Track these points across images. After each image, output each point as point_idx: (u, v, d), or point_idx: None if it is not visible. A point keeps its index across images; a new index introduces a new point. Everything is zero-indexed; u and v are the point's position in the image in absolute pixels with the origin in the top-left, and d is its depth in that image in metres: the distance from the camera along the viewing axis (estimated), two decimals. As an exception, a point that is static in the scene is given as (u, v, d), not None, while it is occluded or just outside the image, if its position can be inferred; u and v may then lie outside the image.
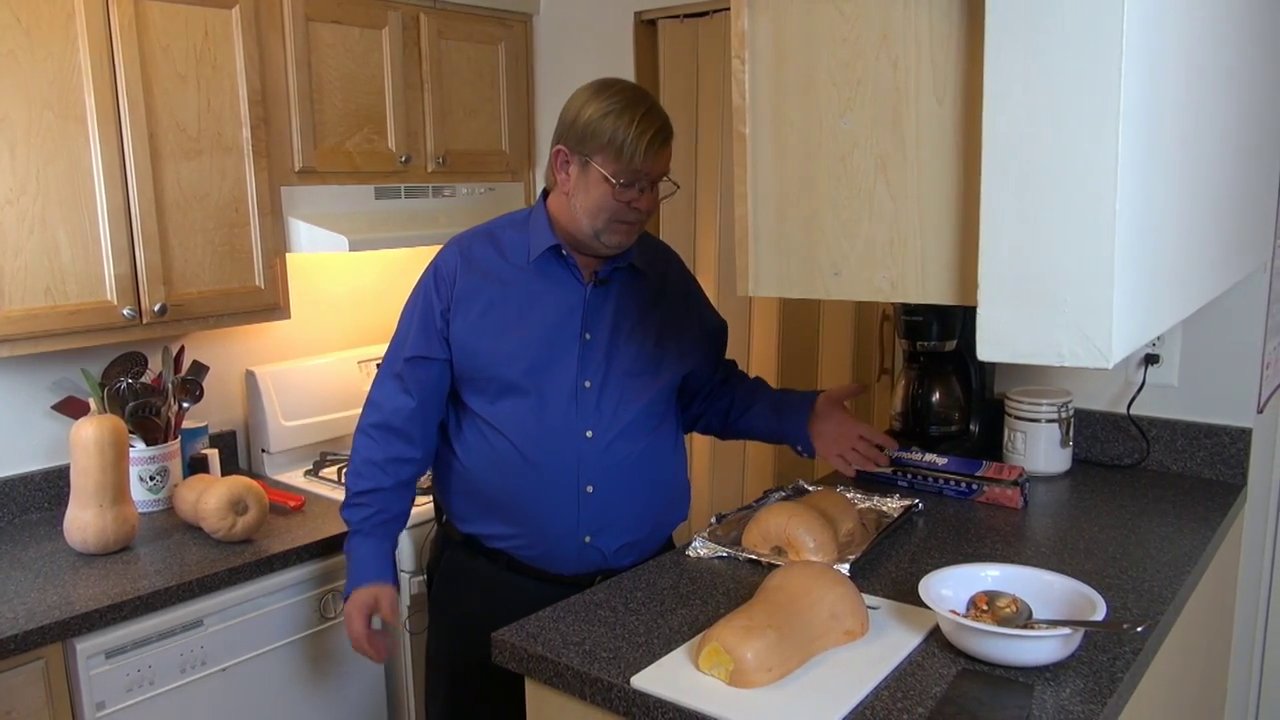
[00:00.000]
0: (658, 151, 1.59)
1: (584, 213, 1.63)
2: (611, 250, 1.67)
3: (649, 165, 1.59)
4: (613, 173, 1.58)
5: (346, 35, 2.38)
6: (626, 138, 1.56)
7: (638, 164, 1.58)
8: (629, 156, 1.57)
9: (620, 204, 1.60)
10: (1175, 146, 1.11)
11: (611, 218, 1.62)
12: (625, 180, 1.59)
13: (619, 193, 1.59)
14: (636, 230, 1.67)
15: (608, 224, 1.62)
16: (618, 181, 1.58)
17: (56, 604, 1.72)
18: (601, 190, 1.60)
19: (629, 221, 1.63)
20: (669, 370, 1.76)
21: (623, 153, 1.57)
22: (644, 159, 1.58)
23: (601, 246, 1.66)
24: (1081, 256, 0.96)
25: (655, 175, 1.62)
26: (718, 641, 1.23)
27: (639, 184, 1.60)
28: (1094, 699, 1.18)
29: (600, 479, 1.68)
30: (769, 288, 1.24)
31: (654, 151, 1.59)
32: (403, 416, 1.74)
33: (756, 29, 1.19)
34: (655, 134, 1.58)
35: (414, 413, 1.74)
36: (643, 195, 1.61)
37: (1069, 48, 0.93)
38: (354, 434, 1.82)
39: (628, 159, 1.57)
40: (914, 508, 1.84)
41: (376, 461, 1.76)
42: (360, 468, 1.77)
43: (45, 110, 1.87)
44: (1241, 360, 1.99)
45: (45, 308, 1.91)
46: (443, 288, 1.71)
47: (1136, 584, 1.51)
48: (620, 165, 1.58)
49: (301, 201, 2.33)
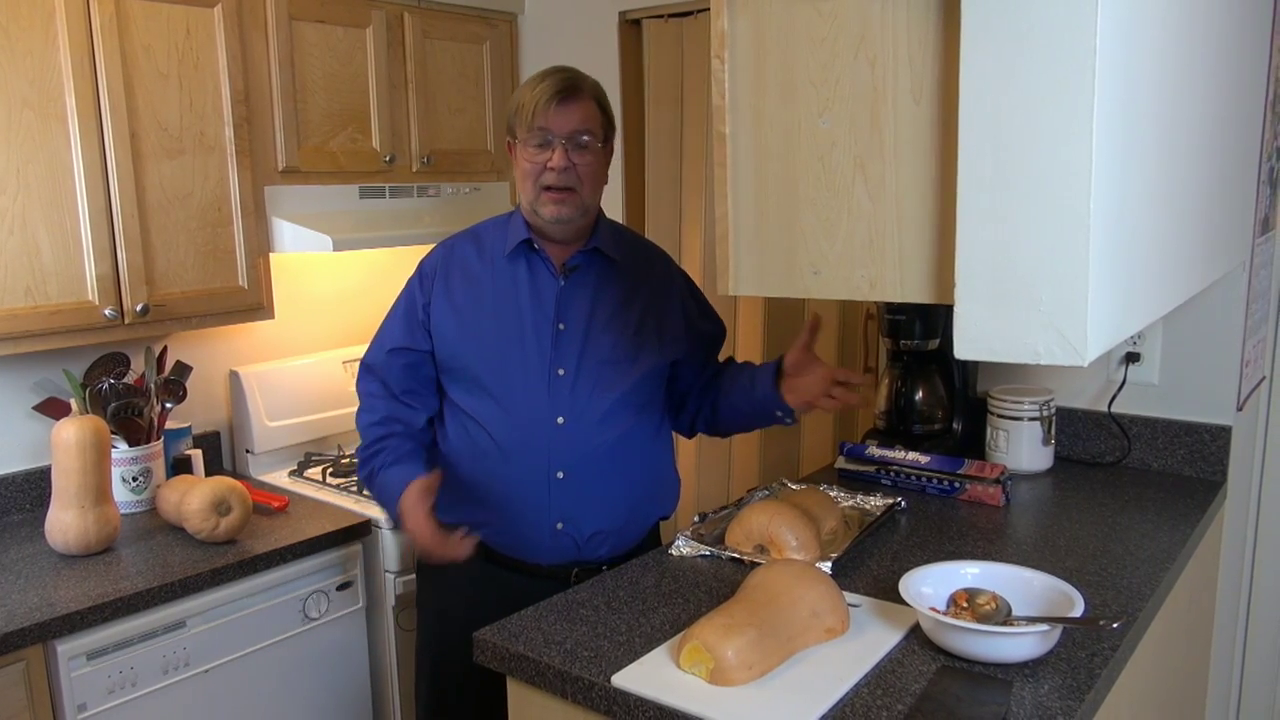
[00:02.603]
0: (558, 106, 1.63)
1: (522, 190, 1.70)
2: (555, 227, 1.69)
3: (550, 120, 1.63)
4: (524, 139, 1.65)
5: (330, 34, 2.38)
6: (528, 99, 1.64)
7: (540, 121, 1.63)
8: (529, 114, 1.63)
9: (536, 166, 1.65)
10: (1151, 146, 1.12)
11: (535, 184, 1.66)
12: (534, 141, 1.64)
13: (531, 155, 1.65)
14: (572, 201, 1.67)
15: (536, 194, 1.67)
16: (529, 143, 1.65)
17: (37, 605, 1.71)
18: (522, 159, 1.67)
19: (551, 187, 1.65)
20: (648, 359, 1.77)
21: (525, 115, 1.64)
22: (542, 114, 1.63)
23: (543, 223, 1.70)
24: (1056, 255, 0.97)
25: (561, 132, 1.64)
26: (698, 640, 1.23)
27: (551, 144, 1.64)
28: (1072, 695, 1.18)
29: (571, 465, 1.70)
30: (749, 286, 1.24)
31: (553, 107, 1.63)
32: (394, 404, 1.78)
33: (736, 29, 1.19)
34: (556, 91, 1.63)
35: (403, 399, 1.78)
36: (554, 154, 1.64)
37: (1043, 48, 0.94)
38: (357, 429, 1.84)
39: (528, 117, 1.64)
40: (897, 506, 1.85)
41: (377, 420, 1.78)
42: (365, 432, 1.79)
43: (25, 109, 1.86)
44: (1221, 358, 2.01)
45: (26, 308, 1.90)
46: (425, 283, 1.78)
47: (1116, 581, 1.52)
48: (524, 126, 1.65)
49: (285, 201, 2.33)
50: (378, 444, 1.77)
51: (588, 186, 1.68)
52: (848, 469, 2.10)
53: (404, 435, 1.78)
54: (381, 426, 1.78)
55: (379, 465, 1.75)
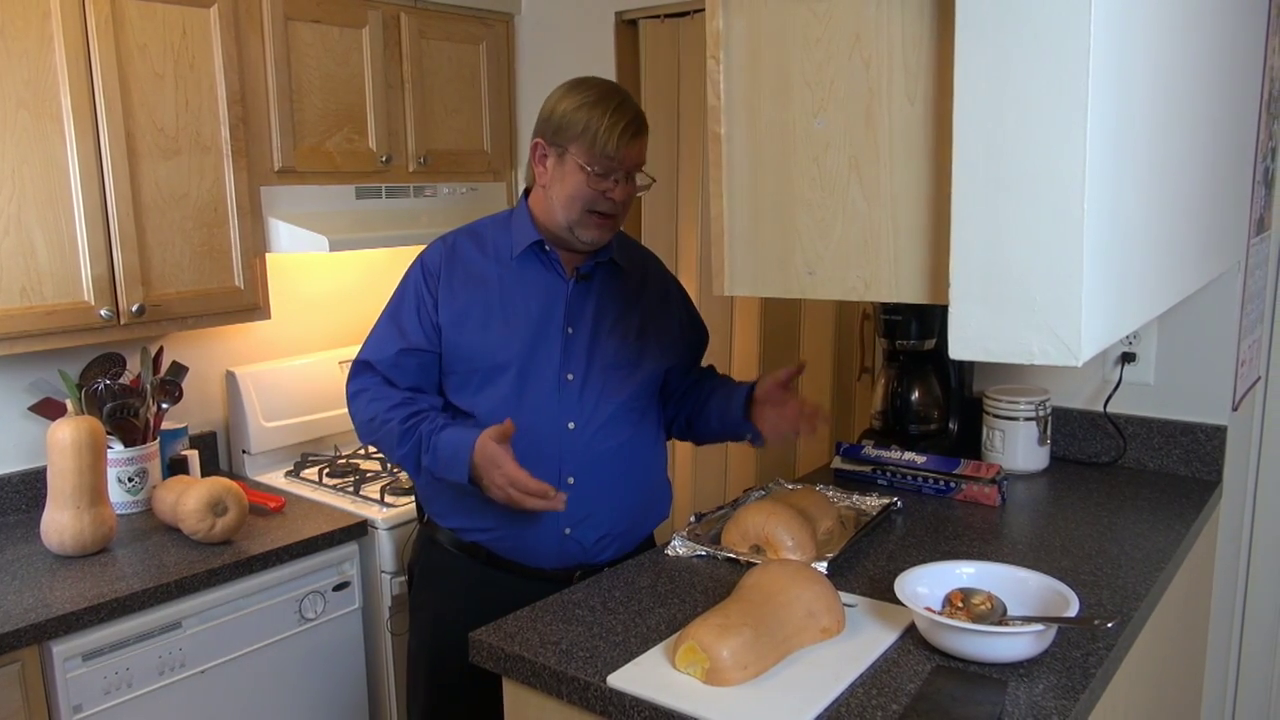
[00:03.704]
0: (630, 141, 1.63)
1: (560, 204, 1.66)
2: (587, 246, 1.69)
3: (622, 154, 1.63)
4: (587, 161, 1.62)
5: (326, 34, 2.37)
6: (600, 127, 1.61)
7: (610, 152, 1.61)
8: (602, 145, 1.61)
9: (595, 193, 1.64)
10: (1145, 145, 1.12)
11: (585, 208, 1.65)
12: (599, 170, 1.63)
13: (593, 181, 1.63)
14: (611, 226, 1.69)
15: (582, 216, 1.65)
16: (592, 170, 1.62)
17: (33, 606, 1.71)
18: (577, 180, 1.64)
19: (603, 213, 1.66)
20: (651, 363, 1.78)
21: (596, 142, 1.61)
22: (617, 148, 1.61)
23: (577, 241, 1.68)
24: (1051, 255, 0.97)
25: (629, 166, 1.65)
26: (694, 640, 1.23)
27: (613, 174, 1.64)
28: (1067, 694, 1.18)
29: (582, 470, 1.69)
30: (744, 287, 1.25)
31: (626, 141, 1.62)
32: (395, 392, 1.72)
33: (731, 29, 1.19)
34: (628, 124, 1.62)
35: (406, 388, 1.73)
36: (617, 186, 1.64)
37: (1038, 48, 0.94)
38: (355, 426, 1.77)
39: (601, 147, 1.61)
40: (893, 506, 1.85)
41: (397, 403, 1.68)
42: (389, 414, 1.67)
43: (20, 109, 1.86)
44: (1217, 358, 2.01)
45: (21, 308, 1.90)
46: (430, 282, 1.73)
47: (1111, 580, 1.52)
48: (594, 154, 1.62)
49: (281, 201, 2.33)
50: (413, 419, 1.65)
51: (626, 212, 1.71)
52: (844, 469, 2.10)
53: (437, 410, 1.70)
54: (407, 405, 1.66)
55: (428, 430, 1.63)
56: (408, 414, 1.67)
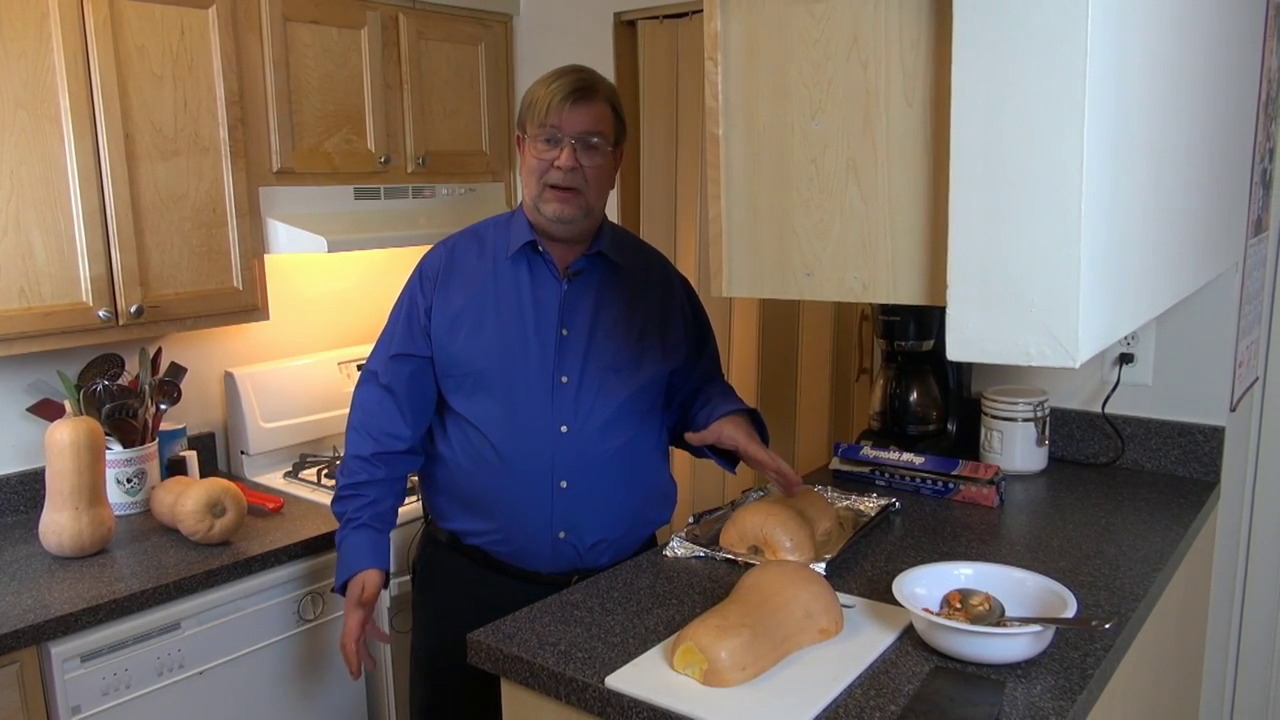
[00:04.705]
0: (570, 106, 1.62)
1: (525, 187, 1.69)
2: (554, 225, 1.68)
3: (563, 120, 1.62)
4: (533, 134, 1.65)
5: (325, 35, 2.37)
6: (540, 96, 1.64)
7: (551, 119, 1.62)
8: (542, 111, 1.63)
9: (543, 163, 1.64)
10: (1143, 146, 1.12)
11: (541, 181, 1.66)
12: (543, 137, 1.64)
13: (540, 151, 1.64)
14: (573, 200, 1.66)
15: (539, 190, 1.66)
16: (538, 139, 1.64)
17: (31, 607, 1.71)
18: (530, 154, 1.66)
19: (557, 185, 1.65)
20: (652, 365, 1.76)
21: (536, 109, 1.63)
22: (555, 112, 1.62)
23: (545, 221, 1.68)
24: (1048, 257, 0.97)
25: (572, 131, 1.63)
26: (692, 641, 1.23)
27: (558, 142, 1.64)
28: (1064, 695, 1.19)
29: (574, 474, 1.69)
30: (742, 288, 1.25)
31: (567, 106, 1.62)
32: (389, 414, 1.75)
33: (729, 30, 1.19)
34: (568, 89, 1.63)
35: (399, 409, 1.75)
36: (562, 154, 1.63)
37: (1034, 50, 0.94)
38: (345, 433, 1.82)
39: (541, 114, 1.63)
40: (891, 507, 1.85)
41: (366, 457, 1.76)
42: (350, 464, 1.78)
43: (19, 110, 1.86)
44: (1215, 359, 2.01)
45: (19, 309, 1.90)
46: (426, 285, 1.74)
47: (1109, 581, 1.52)
48: (536, 123, 1.64)
49: (280, 202, 2.33)
50: (356, 489, 1.76)
51: (593, 189, 1.67)
52: (842, 470, 2.11)
53: (385, 484, 1.77)
54: (366, 468, 1.76)
55: (351, 514, 1.77)
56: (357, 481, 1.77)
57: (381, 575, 1.77)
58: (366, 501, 1.76)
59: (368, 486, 1.76)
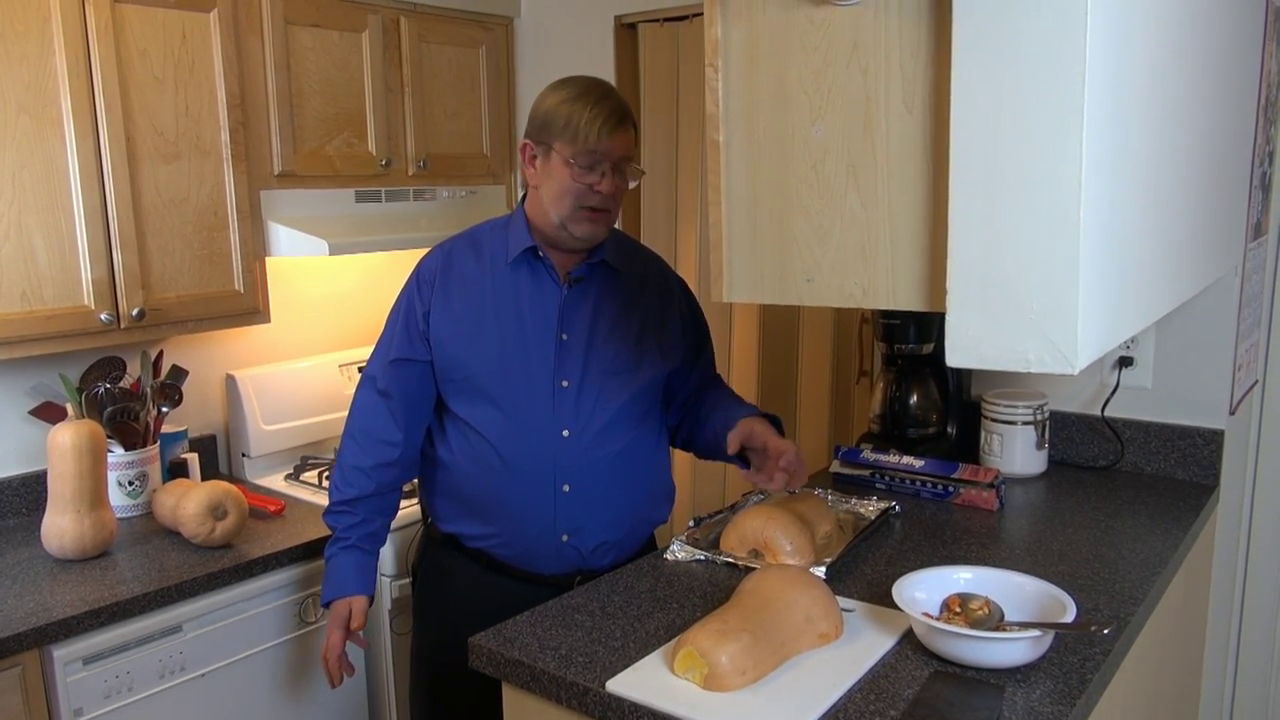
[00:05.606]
0: (612, 132, 1.62)
1: (550, 202, 1.66)
2: (580, 243, 1.69)
3: (604, 145, 1.62)
4: (571, 156, 1.62)
5: (326, 38, 2.38)
6: (581, 120, 1.61)
7: (593, 144, 1.61)
8: (584, 137, 1.61)
9: (582, 188, 1.63)
10: (1142, 151, 1.12)
11: (575, 203, 1.64)
12: (584, 163, 1.62)
13: (579, 175, 1.63)
14: (604, 220, 1.68)
15: (573, 212, 1.65)
16: (576, 164, 1.62)
17: (33, 610, 1.72)
18: (562, 175, 1.63)
19: (594, 208, 1.65)
20: (650, 368, 1.76)
21: (578, 135, 1.61)
22: (599, 139, 1.61)
23: (570, 239, 1.68)
24: (1047, 263, 0.98)
25: (613, 157, 1.64)
26: (692, 645, 1.24)
27: (598, 167, 1.63)
28: (1063, 699, 1.19)
29: (577, 478, 1.69)
30: (742, 294, 1.25)
31: (608, 131, 1.61)
32: (387, 420, 1.75)
33: (730, 36, 1.20)
34: (610, 114, 1.62)
35: (397, 416, 1.75)
36: (604, 179, 1.63)
37: (1034, 56, 0.95)
38: (341, 438, 1.82)
39: (583, 140, 1.61)
40: (891, 510, 1.85)
41: (364, 468, 1.76)
42: (347, 474, 1.78)
43: (21, 114, 1.87)
44: (1214, 363, 2.01)
45: (21, 313, 1.90)
46: (424, 290, 1.74)
47: (1108, 585, 1.52)
48: (577, 147, 1.62)
49: (281, 205, 2.33)
50: (349, 506, 1.77)
51: (618, 207, 1.70)
52: (842, 473, 2.11)
53: (376, 500, 1.78)
54: (360, 479, 1.76)
55: (340, 532, 1.78)
56: (349, 497, 1.77)
57: (367, 600, 1.79)
58: (357, 520, 1.78)
59: (360, 504, 1.77)
